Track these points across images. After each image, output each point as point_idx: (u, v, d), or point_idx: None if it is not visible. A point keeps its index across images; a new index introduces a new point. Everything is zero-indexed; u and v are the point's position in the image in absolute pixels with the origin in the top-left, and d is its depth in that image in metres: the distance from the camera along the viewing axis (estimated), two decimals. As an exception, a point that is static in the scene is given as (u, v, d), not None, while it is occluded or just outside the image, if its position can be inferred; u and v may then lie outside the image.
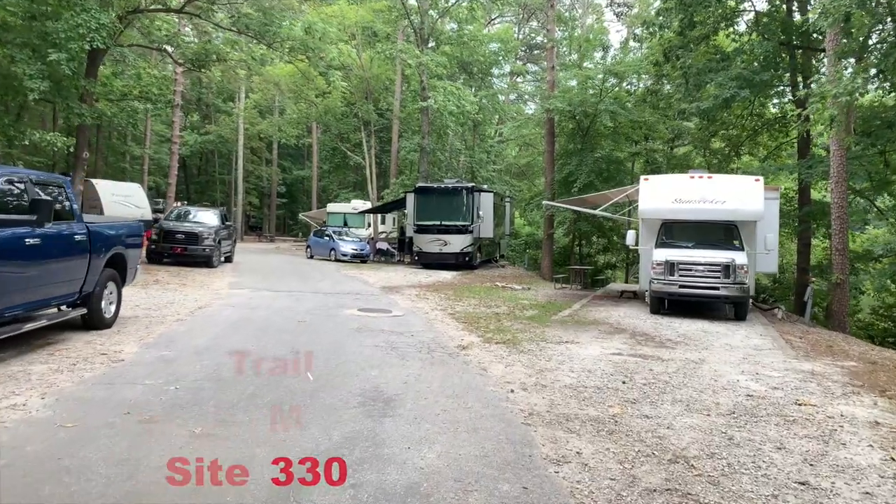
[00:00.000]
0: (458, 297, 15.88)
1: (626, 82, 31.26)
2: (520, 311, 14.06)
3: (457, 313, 12.82)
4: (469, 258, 26.32)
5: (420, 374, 7.16)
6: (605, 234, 30.34)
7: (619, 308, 15.39)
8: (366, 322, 10.90)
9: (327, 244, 29.14)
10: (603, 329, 11.73)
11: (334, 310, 12.29)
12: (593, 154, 27.08)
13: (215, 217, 21.99)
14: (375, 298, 14.78)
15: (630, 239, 15.14)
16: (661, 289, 13.76)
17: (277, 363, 7.32)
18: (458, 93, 32.99)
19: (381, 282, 19.44)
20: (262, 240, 52.79)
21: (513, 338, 10.19)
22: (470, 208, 26.48)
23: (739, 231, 14.45)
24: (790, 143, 24.78)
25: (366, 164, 36.94)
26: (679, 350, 9.86)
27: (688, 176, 15.02)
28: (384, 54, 34.28)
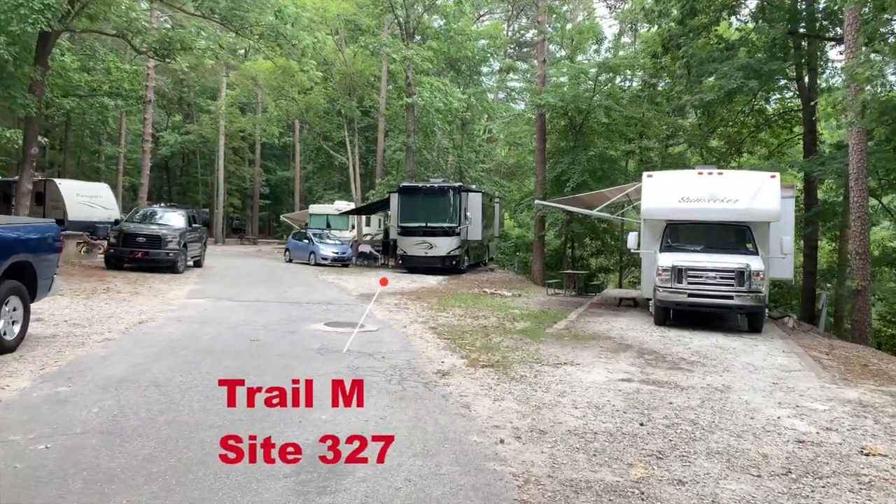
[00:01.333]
0: (442, 307, 14.37)
1: (620, 78, 29.95)
2: (510, 322, 12.57)
3: (439, 327, 11.31)
4: (456, 262, 24.83)
5: (385, 417, 5.64)
6: (599, 236, 28.94)
7: (620, 318, 13.93)
8: (331, 340, 9.35)
9: (307, 247, 27.55)
10: (605, 346, 10.25)
11: (298, 324, 10.75)
12: (587, 152, 25.67)
13: (182, 218, 20.36)
14: (349, 309, 13.23)
15: (631, 241, 13.69)
16: (667, 298, 12.31)
17: (202, 404, 5.78)
18: (445, 89, 31.53)
19: (360, 288, 17.90)
20: (245, 242, 51.07)
21: (502, 359, 8.69)
22: (457, 209, 24.99)
23: (752, 233, 13.03)
24: (794, 140, 23.47)
25: (349, 164, 35.40)
26: (697, 373, 8.39)
27: (695, 172, 13.59)
28: (368, 48, 32.78)
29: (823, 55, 20.66)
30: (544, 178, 26.75)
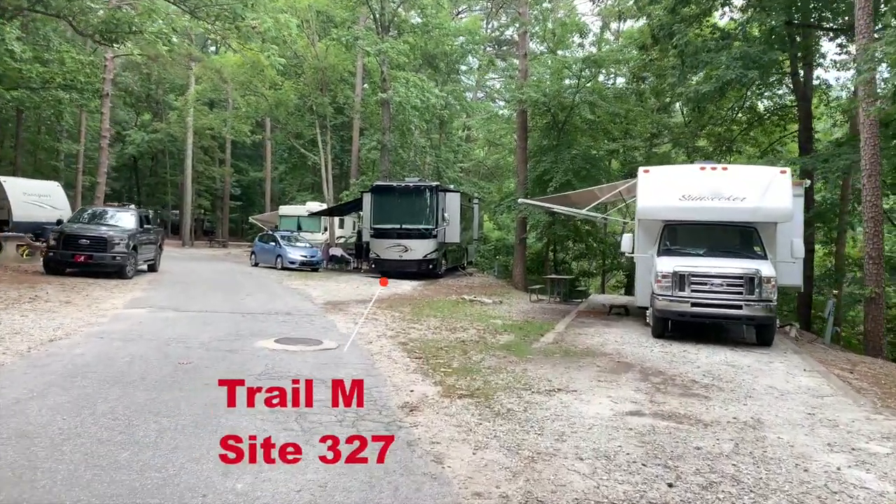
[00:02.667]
0: (416, 317, 12.87)
1: (604, 75, 28.73)
2: (492, 335, 11.11)
3: (411, 342, 9.80)
4: (433, 266, 23.35)
5: (325, 485, 4.13)
6: (583, 238, 27.61)
7: (612, 329, 12.54)
8: (278, 363, 7.81)
9: (273, 250, 25.89)
10: (602, 364, 8.83)
11: (244, 340, 9.17)
12: (570, 151, 24.34)
13: (132, 219, 18.62)
14: (309, 321, 11.67)
15: (626, 244, 12.31)
16: (667, 307, 10.93)
17: (72, 469, 4.22)
18: (421, 84, 30.07)
19: (327, 295, 16.34)
20: (214, 245, 49.11)
21: (484, 385, 7.22)
22: (434, 210, 23.52)
23: (760, 235, 11.73)
24: (787, 138, 22.35)
25: (321, 163, 33.72)
26: (717, 402, 6.99)
27: (697, 167, 12.25)
28: (341, 42, 31.17)
29: (818, 49, 19.52)
30: (526, 178, 25.40)
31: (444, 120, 41.33)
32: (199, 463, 4.35)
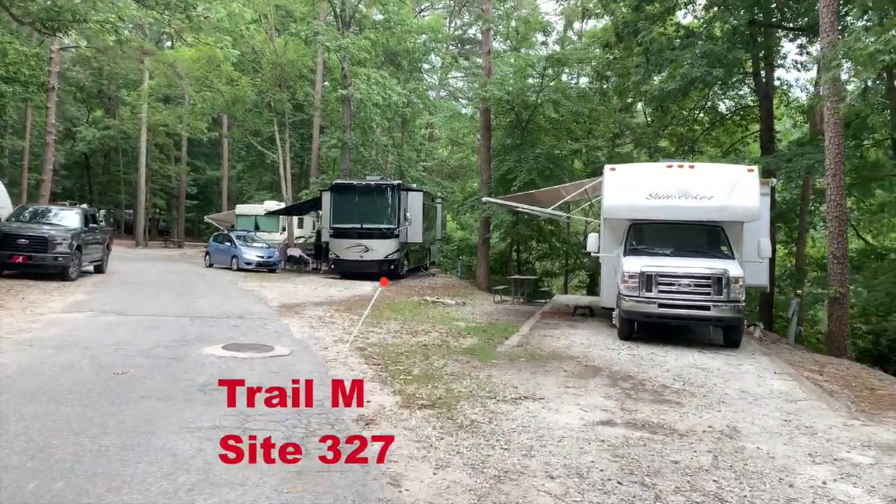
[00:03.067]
0: (375, 320, 12.35)
1: (567, 74, 28.56)
2: (454, 338, 10.66)
3: (369, 347, 9.30)
4: (395, 266, 22.80)
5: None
6: (546, 238, 27.39)
7: (578, 330, 12.22)
8: (225, 371, 7.24)
9: (228, 251, 25.02)
10: (570, 369, 8.46)
11: (190, 347, 8.55)
12: (534, 150, 24.08)
13: (76, 217, 17.67)
14: (262, 325, 11.06)
15: (591, 244, 12.00)
16: (634, 308, 10.64)
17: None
18: (383, 81, 29.49)
19: (283, 297, 15.70)
20: (169, 245, 47.69)
21: (446, 393, 6.77)
22: (396, 209, 22.98)
23: (727, 234, 11.53)
24: (749, 138, 22.44)
25: (279, 160, 32.84)
26: (690, 409, 6.67)
27: (664, 165, 11.99)
28: (300, 36, 30.40)
29: (780, 49, 19.61)
30: (489, 177, 25.06)
31: (407, 118, 40.81)
32: (119, 494, 3.80)
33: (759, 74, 20.24)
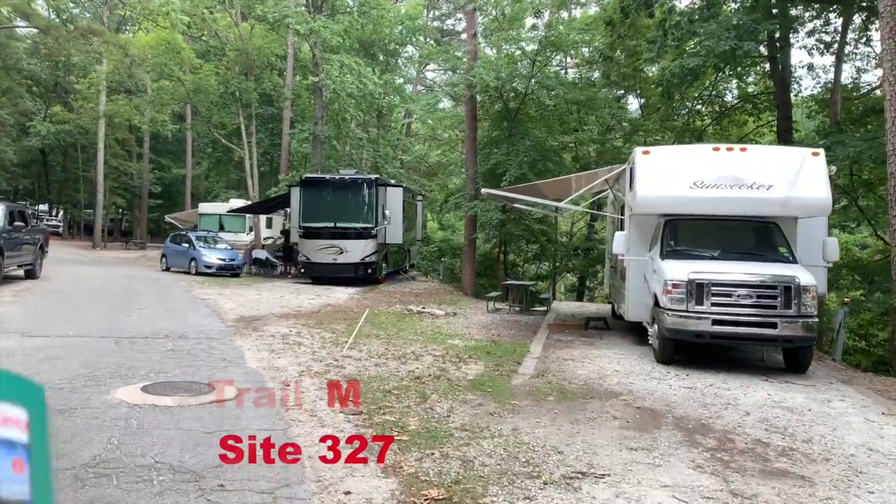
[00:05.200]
0: (353, 337, 10.03)
1: (558, 60, 26.46)
2: (454, 365, 8.38)
3: (346, 381, 6.98)
4: (372, 269, 20.44)
5: None
6: (537, 238, 25.25)
7: (600, 349, 10.03)
8: (132, 435, 4.86)
9: (187, 253, 22.43)
10: (619, 412, 6.24)
11: (97, 388, 6.14)
12: (524, 142, 21.93)
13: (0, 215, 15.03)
14: (208, 347, 8.65)
15: (619, 245, 9.78)
16: (680, 325, 8.45)
17: None
18: (357, 68, 27.11)
19: (242, 308, 13.27)
20: (131, 247, 44.65)
21: (464, 468, 4.49)
22: (373, 206, 20.61)
23: (783, 232, 9.43)
24: (764, 127, 20.50)
25: (245, 155, 30.25)
26: (823, 487, 4.50)
27: (709, 147, 9.81)
28: (267, 20, 27.89)
29: (800, 27, 17.68)
30: (476, 172, 22.85)
31: (383, 112, 38.48)
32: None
33: (775, 58, 18.28)
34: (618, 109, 26.59)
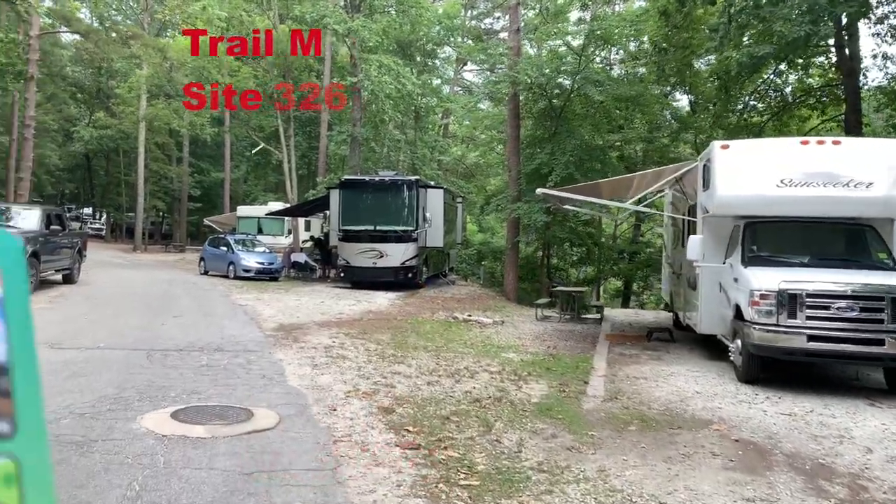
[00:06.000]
0: (398, 350, 9.29)
1: (602, 56, 25.46)
2: (513, 383, 7.57)
3: (398, 406, 6.21)
4: (413, 274, 19.72)
5: None
6: (583, 241, 24.25)
7: (670, 365, 9.10)
8: (154, 479, 4.15)
9: (225, 256, 22.04)
10: (718, 449, 5.35)
11: (121, 413, 5.48)
12: (570, 141, 20.98)
13: (35, 218, 14.69)
14: (246, 362, 7.98)
15: (694, 250, 8.81)
16: (769, 341, 7.50)
17: None
18: (396, 68, 26.49)
19: (281, 315, 12.64)
20: (171, 250, 44.86)
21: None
22: (414, 209, 19.92)
23: (880, 235, 8.40)
24: (828, 124, 19.23)
25: (284, 157, 29.86)
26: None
27: (797, 141, 8.83)
28: (305, 20, 27.43)
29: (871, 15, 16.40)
30: (518, 173, 22.00)
31: (421, 113, 37.85)
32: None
33: (842, 47, 17.05)
34: (667, 106, 25.47)
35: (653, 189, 10.45)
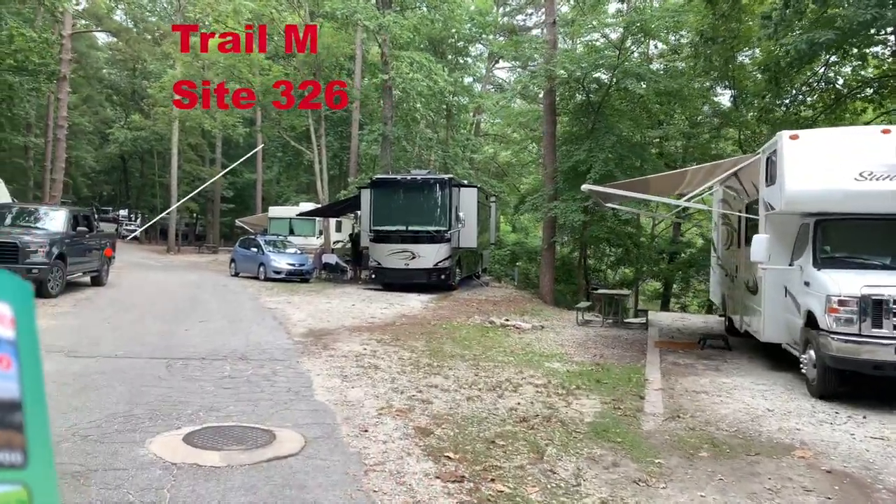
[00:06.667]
0: (434, 358, 8.66)
1: (643, 49, 24.55)
2: (561, 398, 6.87)
3: (436, 426, 5.56)
4: (446, 275, 19.08)
5: None
6: (623, 241, 23.35)
7: (731, 377, 8.31)
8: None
9: (255, 258, 21.67)
10: (813, 485, 4.58)
11: (129, 435, 4.93)
12: (609, 137, 20.14)
13: (61, 220, 14.41)
14: (271, 373, 7.41)
15: (759, 251, 7.98)
16: (850, 353, 6.68)
17: None
18: (428, 64, 25.90)
19: (311, 320, 12.11)
20: (203, 251, 44.97)
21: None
22: (447, 208, 19.29)
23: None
24: (891, 116, 18.07)
25: (315, 157, 29.50)
26: None
27: (877, 130, 7.94)
28: (335, 17, 27.01)
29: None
30: (555, 171, 21.24)
31: (452, 111, 37.29)
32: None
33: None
34: (708, 100, 24.42)
35: (710, 184, 9.60)
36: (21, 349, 0.67)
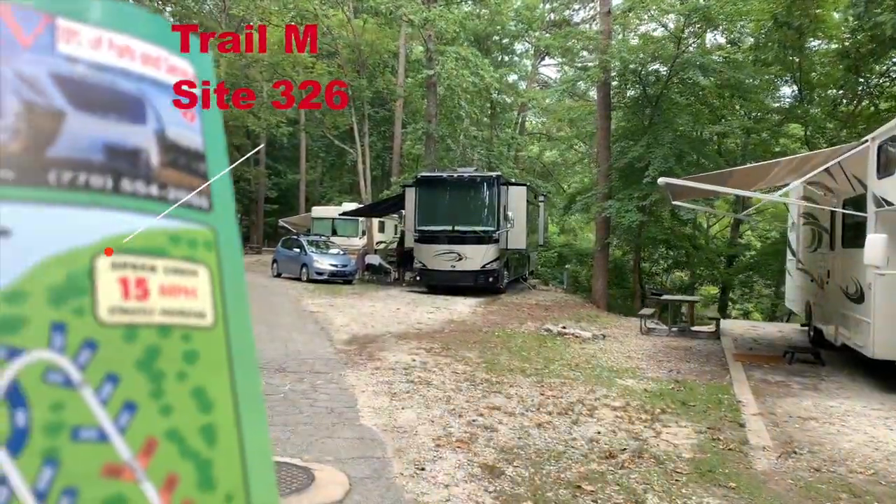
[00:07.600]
0: (491, 372, 7.73)
1: (700, 41, 23.20)
2: (646, 424, 5.87)
3: (503, 460, 4.64)
4: (493, 278, 18.11)
5: None
6: (681, 243, 22.04)
7: (835, 399, 7.17)
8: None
9: (297, 258, 21.08)
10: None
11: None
12: (668, 132, 18.92)
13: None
14: (311, 389, 6.58)
15: (875, 253, 6.85)
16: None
17: None
18: (474, 59, 25.02)
19: (354, 325, 11.31)
20: (247, 251, 44.91)
21: None
22: (495, 208, 18.32)
23: None
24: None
25: (358, 155, 28.89)
26: None
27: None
28: (380, 10, 26.30)
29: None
30: (609, 168, 20.12)
31: (497, 109, 36.31)
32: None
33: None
34: (772, 93, 22.98)
35: (810, 177, 8.43)
36: (206, 119, 0.66)
